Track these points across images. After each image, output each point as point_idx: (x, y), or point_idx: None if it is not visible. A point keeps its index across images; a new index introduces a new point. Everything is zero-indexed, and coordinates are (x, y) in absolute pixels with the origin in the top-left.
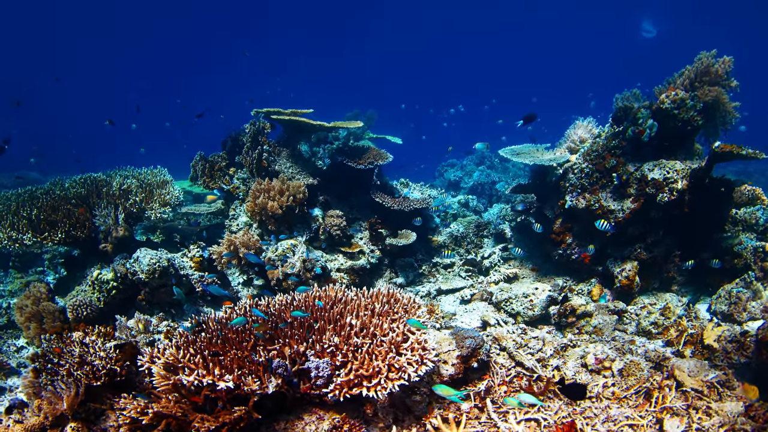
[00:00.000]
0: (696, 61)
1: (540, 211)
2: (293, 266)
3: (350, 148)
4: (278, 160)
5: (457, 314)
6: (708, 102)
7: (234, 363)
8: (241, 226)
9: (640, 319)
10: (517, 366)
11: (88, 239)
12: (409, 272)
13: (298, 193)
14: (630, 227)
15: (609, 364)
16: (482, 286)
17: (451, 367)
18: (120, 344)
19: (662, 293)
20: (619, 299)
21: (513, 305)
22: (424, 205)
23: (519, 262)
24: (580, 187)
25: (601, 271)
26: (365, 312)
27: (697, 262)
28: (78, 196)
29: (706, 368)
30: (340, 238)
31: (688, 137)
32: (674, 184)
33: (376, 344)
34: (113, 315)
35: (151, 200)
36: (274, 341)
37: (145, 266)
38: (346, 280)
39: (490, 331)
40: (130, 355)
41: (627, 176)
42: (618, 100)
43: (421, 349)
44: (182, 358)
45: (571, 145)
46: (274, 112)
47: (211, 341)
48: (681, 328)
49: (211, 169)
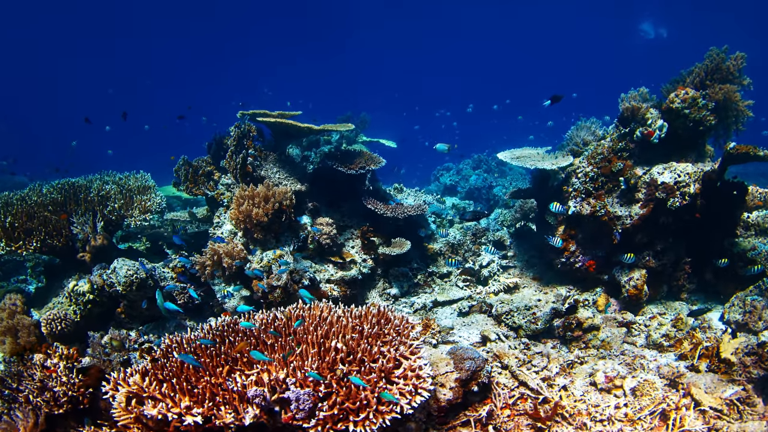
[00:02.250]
0: (706, 58)
1: (541, 217)
2: (280, 278)
3: (341, 153)
4: (264, 164)
5: (455, 328)
6: (720, 101)
7: (207, 391)
8: (225, 234)
9: (650, 330)
10: (520, 386)
11: (66, 248)
12: (403, 282)
13: (284, 200)
14: (638, 234)
15: (620, 383)
16: (481, 296)
17: (449, 391)
18: (84, 367)
19: (671, 302)
20: (626, 309)
21: (514, 318)
22: (419, 211)
23: (519, 270)
24: (584, 192)
25: (606, 279)
26: (352, 334)
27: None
28: (54, 203)
29: (723, 384)
30: (330, 247)
31: (699, 138)
32: (686, 188)
33: (364, 371)
34: (92, 329)
35: (131, 207)
36: (253, 365)
37: (122, 278)
38: (336, 292)
39: (491, 346)
40: (96, 380)
41: (635, 180)
42: (624, 99)
43: (416, 377)
44: (147, 387)
45: (573, 147)
46: (260, 114)
47: (183, 366)
48: (695, 340)
49: (195, 174)
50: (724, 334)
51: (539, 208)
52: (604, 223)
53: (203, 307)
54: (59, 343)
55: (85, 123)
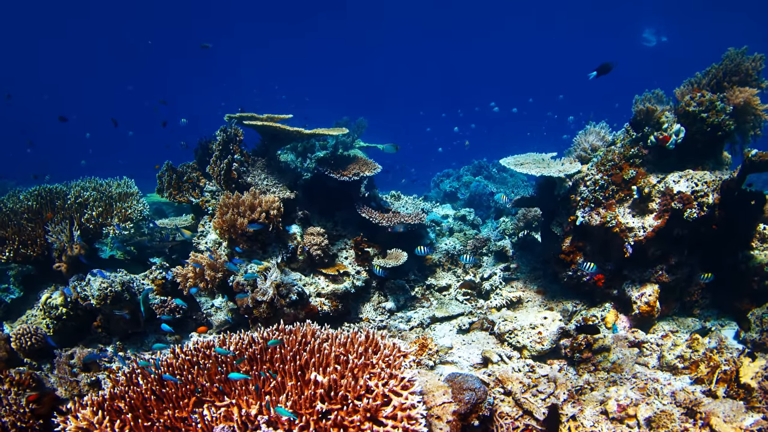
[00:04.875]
0: (725, 59)
1: (547, 227)
2: (265, 293)
3: (335, 158)
4: (252, 170)
5: (454, 347)
6: (739, 105)
7: (169, 425)
8: (209, 244)
9: (663, 351)
10: (525, 415)
11: (42, 257)
12: (399, 296)
13: (271, 209)
14: (651, 247)
15: (633, 411)
16: (482, 312)
17: (446, 425)
18: (36, 398)
19: (683, 318)
20: (636, 326)
21: (518, 338)
22: (417, 220)
23: (523, 283)
24: (593, 201)
25: (616, 294)
26: (335, 365)
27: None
28: (30, 210)
29: (743, 411)
30: (321, 258)
31: (717, 144)
32: (704, 198)
33: (347, 411)
34: (67, 344)
35: (111, 215)
36: (224, 397)
37: (95, 291)
38: (327, 307)
39: (493, 369)
40: (50, 408)
41: (649, 189)
42: (638, 101)
43: (407, 418)
44: (99, 423)
45: (581, 153)
46: (247, 117)
47: (144, 396)
48: (713, 363)
49: (179, 181)
50: (743, 356)
51: (544, 217)
52: (614, 235)
53: (187, 320)
54: (30, 359)
55: (60, 121)
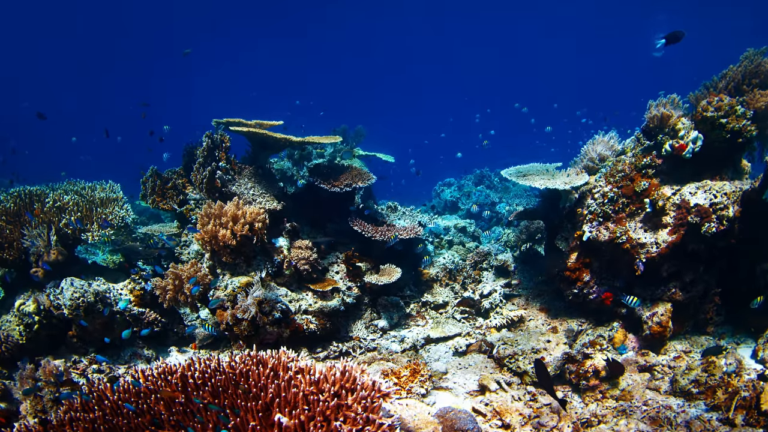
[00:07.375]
0: (743, 60)
1: (551, 241)
2: (246, 310)
3: (328, 168)
4: (238, 179)
5: (449, 372)
6: (760, 109)
7: None
8: (192, 255)
9: (676, 375)
10: None
11: (19, 261)
12: (393, 313)
13: (255, 221)
14: (665, 264)
15: None
16: (480, 332)
17: None
18: None
19: (696, 336)
20: (646, 347)
21: (519, 363)
22: (412, 234)
23: (525, 300)
24: (601, 215)
25: (624, 314)
26: (304, 406)
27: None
28: (7, 212)
29: None
30: (309, 273)
31: (736, 152)
32: (723, 210)
33: None
34: (40, 352)
35: (91, 220)
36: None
37: (67, 300)
38: (313, 325)
39: (490, 398)
40: None
41: (663, 202)
42: (652, 106)
43: None
44: None
45: (588, 164)
46: (234, 122)
47: (95, 425)
48: (731, 389)
49: (163, 187)
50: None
51: (548, 231)
52: (624, 252)
53: (167, 333)
54: (1, 367)
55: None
